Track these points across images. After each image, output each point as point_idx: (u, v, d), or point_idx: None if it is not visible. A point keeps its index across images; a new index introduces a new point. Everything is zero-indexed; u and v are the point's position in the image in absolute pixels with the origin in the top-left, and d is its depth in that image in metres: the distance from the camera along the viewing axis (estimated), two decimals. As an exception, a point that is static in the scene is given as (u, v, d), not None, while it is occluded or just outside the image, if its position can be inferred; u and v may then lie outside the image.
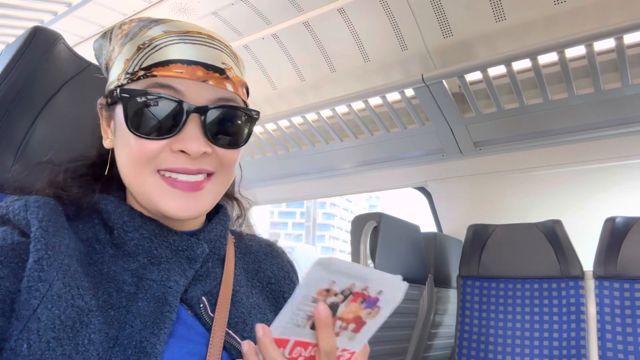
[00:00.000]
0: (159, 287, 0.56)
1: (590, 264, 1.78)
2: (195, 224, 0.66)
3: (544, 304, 1.86)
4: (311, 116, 2.38)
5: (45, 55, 0.70)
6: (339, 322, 0.51)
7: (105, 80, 0.68)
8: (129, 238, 0.58)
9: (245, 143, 0.62)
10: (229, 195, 0.75)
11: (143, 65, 0.57)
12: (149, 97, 0.55)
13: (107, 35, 0.64)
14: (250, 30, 2.17)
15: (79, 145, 0.68)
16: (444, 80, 1.98)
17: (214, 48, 0.59)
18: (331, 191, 2.85)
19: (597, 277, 1.76)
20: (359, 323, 0.52)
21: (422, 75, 1.98)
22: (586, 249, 1.83)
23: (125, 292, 0.55)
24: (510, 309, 1.91)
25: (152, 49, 0.57)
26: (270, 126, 2.53)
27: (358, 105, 2.24)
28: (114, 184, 0.64)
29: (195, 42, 0.58)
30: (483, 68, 1.86)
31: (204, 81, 0.57)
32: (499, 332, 1.90)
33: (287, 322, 0.49)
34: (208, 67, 0.58)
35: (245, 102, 0.64)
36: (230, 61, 0.61)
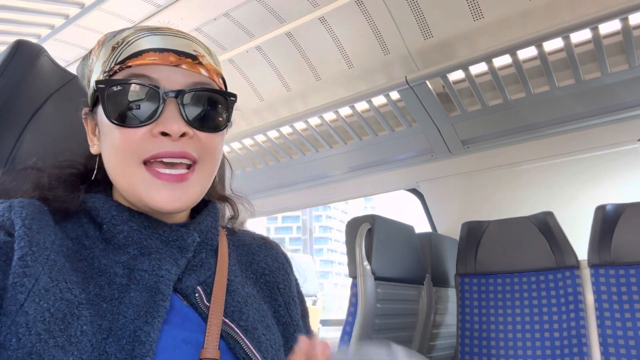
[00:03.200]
0: (150, 276, 0.56)
1: (584, 253, 1.79)
2: (184, 217, 0.67)
3: (542, 295, 1.87)
4: (299, 125, 2.40)
5: (29, 68, 0.71)
6: None
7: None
8: (118, 231, 0.59)
9: (225, 127, 0.62)
10: (221, 197, 0.76)
11: (118, 60, 0.59)
12: (124, 85, 0.56)
13: (87, 55, 0.66)
14: (234, 44, 2.19)
15: (67, 156, 0.69)
16: (427, 81, 2.00)
17: (184, 38, 0.62)
18: (324, 199, 2.86)
19: (592, 265, 1.76)
20: None
21: (405, 77, 2.01)
22: (579, 238, 1.84)
23: (117, 283, 0.55)
24: (509, 303, 1.92)
25: (125, 45, 0.59)
26: (260, 137, 2.55)
27: (345, 111, 2.26)
28: (100, 186, 0.65)
29: (165, 34, 0.61)
30: (465, 66, 1.89)
31: (177, 66, 0.59)
32: (499, 327, 1.90)
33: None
34: (180, 53, 0.60)
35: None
36: (203, 51, 0.63)
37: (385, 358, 0.48)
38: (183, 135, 0.57)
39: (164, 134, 0.56)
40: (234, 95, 0.63)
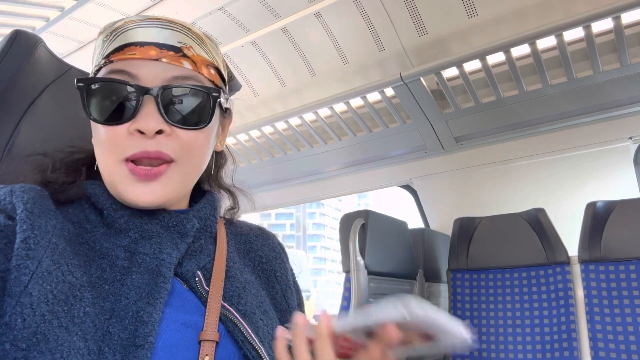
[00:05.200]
0: (152, 259, 0.57)
1: (575, 249, 1.82)
2: (183, 205, 0.68)
3: (532, 291, 1.89)
4: (294, 121, 2.40)
5: (27, 58, 0.71)
6: None
7: None
8: (118, 216, 0.60)
9: (207, 124, 0.60)
10: (222, 187, 0.77)
11: (104, 55, 0.59)
12: (101, 83, 0.57)
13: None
14: (229, 38, 2.19)
15: (64, 144, 0.69)
16: (421, 78, 2.02)
17: (170, 29, 0.60)
18: (318, 194, 2.86)
19: (583, 261, 1.79)
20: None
21: (400, 74, 2.02)
22: (570, 234, 1.87)
23: (119, 266, 0.56)
24: (500, 298, 1.94)
25: (112, 38, 0.59)
26: (254, 133, 2.55)
27: (340, 107, 2.27)
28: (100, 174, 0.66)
29: (150, 25, 0.59)
30: (458, 63, 1.90)
31: (157, 60, 0.58)
32: (490, 322, 1.92)
33: (346, 325, 0.51)
34: (161, 46, 0.58)
35: (215, 83, 0.64)
36: (191, 41, 0.61)
37: (395, 312, 0.49)
38: (160, 132, 0.57)
39: (141, 132, 0.56)
40: (217, 90, 0.61)
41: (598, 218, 1.78)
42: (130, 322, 0.51)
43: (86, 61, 0.71)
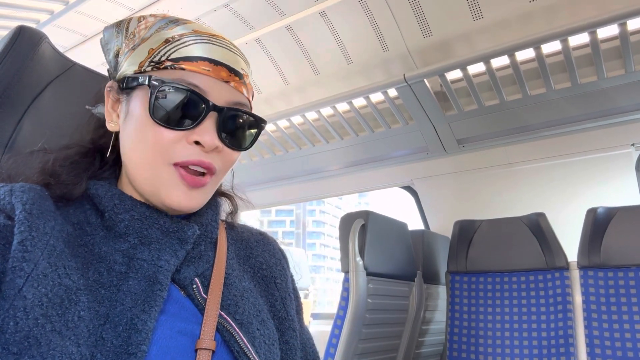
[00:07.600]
0: (149, 266, 0.57)
1: (574, 255, 1.81)
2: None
3: (531, 295, 1.89)
4: (297, 119, 2.40)
5: (31, 54, 0.71)
6: None
7: (92, 76, 0.69)
8: (119, 219, 0.59)
9: (248, 148, 0.66)
10: (223, 193, 0.77)
11: (170, 57, 0.60)
12: (177, 88, 0.58)
13: (122, 24, 0.66)
14: (233, 35, 2.19)
15: (66, 142, 0.69)
16: (425, 80, 2.01)
17: (235, 54, 0.64)
18: (319, 193, 2.86)
19: (582, 267, 1.78)
20: None
21: (404, 75, 2.02)
22: (570, 240, 1.86)
23: (116, 271, 0.55)
24: (498, 302, 1.94)
25: (181, 43, 0.61)
26: (256, 130, 2.55)
27: (342, 106, 2.27)
28: (106, 170, 0.65)
29: (221, 45, 0.63)
30: (463, 66, 1.90)
31: (226, 82, 0.61)
32: (488, 326, 1.92)
33: None
34: (231, 70, 0.62)
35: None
36: (247, 69, 0.66)
37: None
38: (214, 148, 0.60)
39: (198, 143, 0.59)
40: (265, 122, 0.67)
41: (598, 224, 1.78)
42: (124, 328, 0.51)
43: (90, 55, 0.71)
